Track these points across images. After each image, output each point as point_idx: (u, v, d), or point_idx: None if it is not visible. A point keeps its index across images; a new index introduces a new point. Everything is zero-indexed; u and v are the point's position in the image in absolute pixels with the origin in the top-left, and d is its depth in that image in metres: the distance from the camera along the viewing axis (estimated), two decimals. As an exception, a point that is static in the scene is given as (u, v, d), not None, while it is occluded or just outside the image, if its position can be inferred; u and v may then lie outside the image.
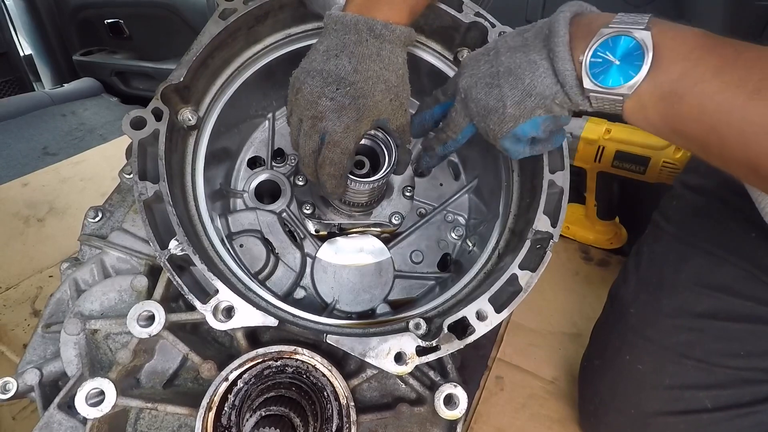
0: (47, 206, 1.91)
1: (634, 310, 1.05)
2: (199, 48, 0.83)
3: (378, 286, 1.01)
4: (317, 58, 0.77)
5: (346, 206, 0.97)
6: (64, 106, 2.90)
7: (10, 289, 1.55)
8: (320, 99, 0.75)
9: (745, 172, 0.57)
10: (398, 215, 1.01)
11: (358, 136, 0.78)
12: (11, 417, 1.21)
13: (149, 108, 0.79)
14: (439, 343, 0.72)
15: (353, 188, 0.87)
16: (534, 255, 0.79)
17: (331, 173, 0.80)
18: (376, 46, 0.76)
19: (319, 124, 0.76)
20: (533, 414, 1.23)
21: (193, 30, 2.70)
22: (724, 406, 0.94)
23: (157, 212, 0.76)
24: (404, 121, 0.83)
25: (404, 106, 0.82)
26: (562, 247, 1.71)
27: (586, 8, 0.67)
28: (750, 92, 0.52)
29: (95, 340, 0.81)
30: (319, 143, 0.78)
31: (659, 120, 0.60)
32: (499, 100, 0.69)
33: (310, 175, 0.84)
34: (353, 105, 0.75)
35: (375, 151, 0.89)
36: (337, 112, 0.75)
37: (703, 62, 0.55)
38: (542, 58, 0.65)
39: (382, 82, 0.76)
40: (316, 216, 0.99)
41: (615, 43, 0.59)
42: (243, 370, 0.74)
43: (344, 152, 0.77)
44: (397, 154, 0.86)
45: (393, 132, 0.83)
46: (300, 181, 1.02)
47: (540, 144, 0.75)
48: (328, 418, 0.75)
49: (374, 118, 0.78)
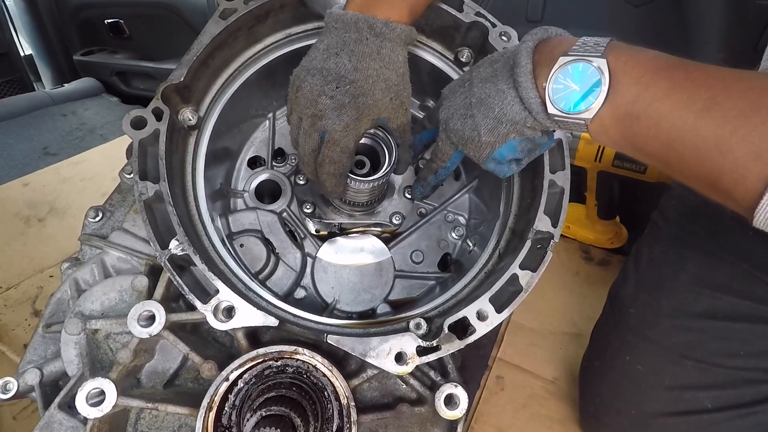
0: (48, 206, 1.91)
1: (634, 311, 1.05)
2: (199, 48, 0.83)
3: (378, 286, 1.01)
4: (317, 57, 0.77)
5: (346, 206, 0.97)
6: (64, 106, 2.90)
7: (11, 289, 1.55)
8: (320, 97, 0.75)
9: (705, 187, 0.58)
10: (399, 215, 1.01)
11: (358, 134, 0.78)
12: (12, 417, 1.21)
13: (150, 108, 0.79)
14: (439, 343, 0.72)
15: (353, 187, 0.87)
16: (534, 255, 0.79)
17: (330, 172, 0.80)
18: (376, 45, 0.76)
19: (319, 122, 0.76)
20: (534, 414, 1.23)
21: (193, 30, 2.70)
22: (724, 407, 0.94)
23: (157, 212, 0.76)
24: (405, 120, 0.83)
25: (405, 105, 0.82)
26: (562, 247, 1.71)
27: (551, 33, 0.69)
28: (699, 110, 0.54)
29: (96, 339, 0.81)
30: (318, 142, 0.78)
31: (621, 140, 0.63)
32: (474, 129, 0.73)
33: (309, 174, 0.84)
34: (353, 103, 0.75)
35: (375, 150, 0.89)
36: (336, 111, 0.75)
37: (655, 84, 0.58)
38: (509, 87, 0.69)
39: (383, 80, 0.77)
40: (316, 215, 0.99)
41: (574, 71, 0.62)
42: (243, 370, 0.74)
43: (344, 151, 0.78)
44: (397, 154, 0.86)
45: (393, 131, 0.84)
46: (300, 180, 1.02)
47: (524, 160, 0.77)
48: (328, 418, 0.75)
49: (374, 116, 0.78)
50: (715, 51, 1.56)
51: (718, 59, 1.57)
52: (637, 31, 1.73)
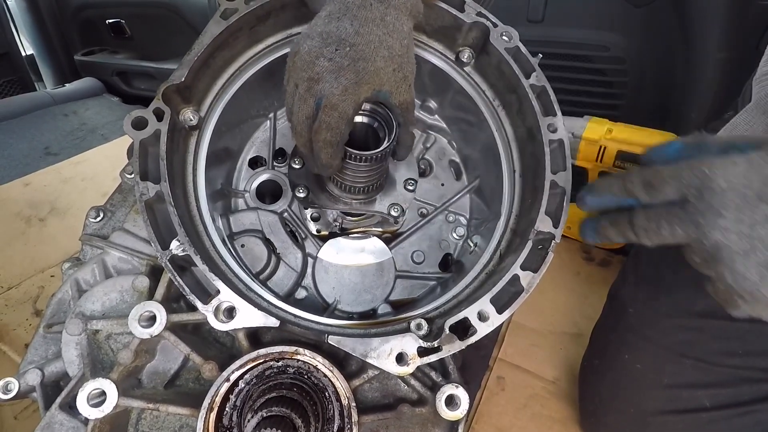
0: (49, 206, 1.92)
1: (633, 310, 1.05)
2: (200, 48, 0.83)
3: (379, 287, 1.01)
4: (319, 23, 0.74)
5: (342, 192, 0.92)
6: (65, 106, 2.91)
7: (12, 289, 1.56)
8: (318, 59, 0.71)
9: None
10: (397, 207, 0.98)
11: (357, 101, 0.73)
12: (13, 417, 1.21)
13: (151, 108, 0.79)
14: (440, 343, 0.72)
15: (350, 164, 0.81)
16: (536, 255, 0.78)
17: (327, 139, 0.74)
18: (380, 11, 0.73)
19: (316, 86, 0.72)
20: (534, 414, 1.23)
21: (194, 30, 2.70)
22: (723, 405, 0.94)
23: (158, 212, 0.76)
24: (408, 98, 0.77)
25: (408, 81, 0.77)
26: (563, 247, 1.71)
27: None
28: None
29: (97, 340, 0.82)
30: (314, 109, 0.73)
31: None
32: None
33: (302, 146, 0.78)
34: (352, 67, 0.70)
35: (376, 132, 0.84)
36: (334, 74, 0.70)
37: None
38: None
39: (385, 48, 0.72)
40: (309, 200, 0.94)
41: None
42: (244, 370, 0.74)
43: (342, 116, 0.72)
44: (398, 133, 0.80)
45: (395, 108, 0.78)
46: (296, 164, 0.96)
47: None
48: (329, 418, 0.75)
49: (375, 87, 0.73)
50: (715, 51, 1.56)
51: (719, 59, 1.57)
52: (637, 31, 1.73)
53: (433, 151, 1.11)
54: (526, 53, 0.88)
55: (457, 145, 1.11)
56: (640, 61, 1.81)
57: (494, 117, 0.96)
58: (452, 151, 1.11)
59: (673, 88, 1.75)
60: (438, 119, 1.10)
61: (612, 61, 1.86)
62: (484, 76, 0.96)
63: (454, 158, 1.12)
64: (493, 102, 0.96)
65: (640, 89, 1.87)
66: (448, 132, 1.10)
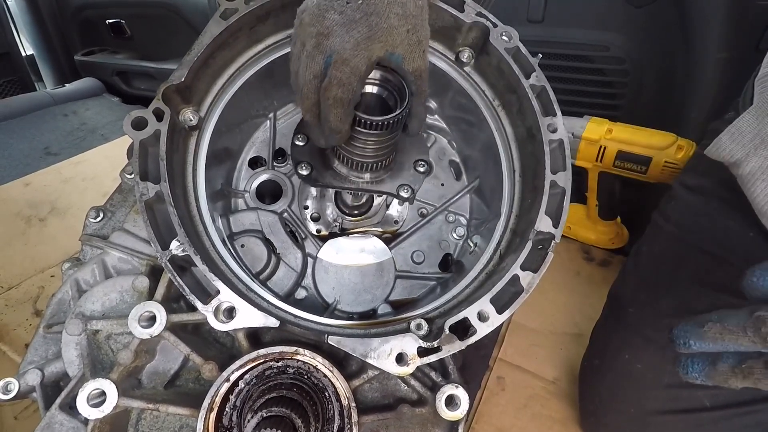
0: (49, 206, 1.92)
1: (633, 310, 1.05)
2: (200, 48, 0.83)
3: (379, 287, 1.01)
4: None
5: (349, 168, 0.88)
6: (65, 106, 2.91)
7: (12, 289, 1.56)
8: (327, 12, 0.66)
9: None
10: (407, 188, 0.91)
11: (370, 58, 0.68)
12: (13, 417, 1.21)
13: (150, 108, 0.79)
14: (440, 343, 0.72)
15: (360, 133, 0.76)
16: (536, 255, 0.78)
17: (338, 97, 0.68)
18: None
19: (325, 41, 0.67)
20: (534, 414, 1.23)
21: (194, 30, 2.70)
22: (723, 405, 0.94)
23: (158, 212, 0.76)
24: (422, 64, 0.72)
25: (422, 46, 0.72)
26: (563, 247, 1.71)
27: None
28: None
29: (97, 340, 0.82)
30: (323, 67, 0.69)
31: None
32: None
33: (308, 111, 0.74)
34: (365, 21, 0.66)
35: (386, 103, 0.80)
36: (345, 27, 0.66)
37: None
38: None
39: (399, 5, 0.67)
40: (312, 178, 0.89)
41: None
42: (244, 370, 0.74)
43: (354, 72, 0.67)
44: (410, 102, 0.74)
45: (408, 75, 0.73)
46: (299, 140, 0.91)
47: None
48: (329, 418, 0.75)
49: (387, 47, 0.68)
50: (715, 51, 1.56)
51: (719, 59, 1.57)
52: (637, 31, 1.73)
53: (433, 151, 1.11)
54: (526, 53, 0.88)
55: (457, 145, 1.11)
56: (640, 61, 1.81)
57: (494, 117, 0.96)
58: (452, 151, 1.11)
59: (673, 88, 1.75)
60: (438, 119, 1.10)
61: (612, 61, 1.86)
62: (484, 76, 0.96)
63: (454, 158, 1.12)
64: (492, 102, 0.96)
65: (640, 89, 1.87)
66: (448, 132, 1.10)
